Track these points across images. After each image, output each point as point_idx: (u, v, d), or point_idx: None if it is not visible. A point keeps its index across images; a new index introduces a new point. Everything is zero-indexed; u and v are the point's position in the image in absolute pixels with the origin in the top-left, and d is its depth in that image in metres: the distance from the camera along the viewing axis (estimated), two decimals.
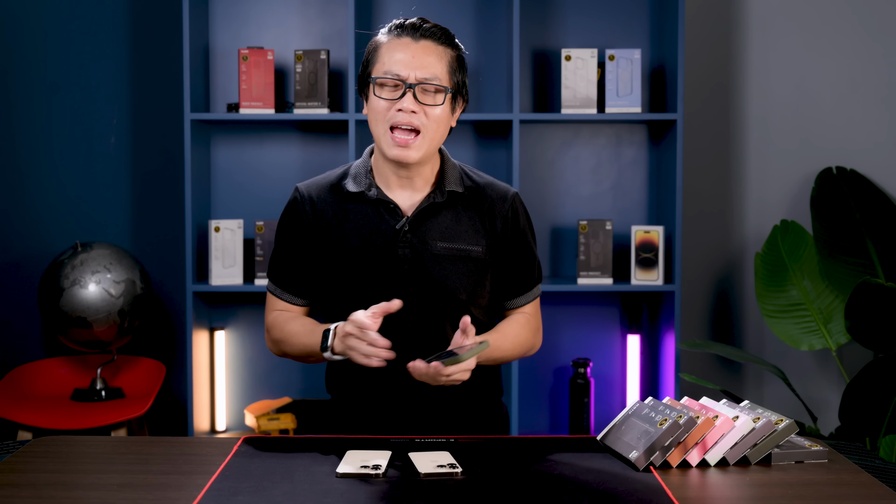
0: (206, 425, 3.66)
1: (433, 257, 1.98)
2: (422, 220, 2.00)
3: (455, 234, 2.01)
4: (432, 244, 1.99)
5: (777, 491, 1.63)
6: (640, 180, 3.72)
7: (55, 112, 3.77)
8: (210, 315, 3.72)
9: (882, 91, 3.73)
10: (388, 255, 1.98)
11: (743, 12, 3.72)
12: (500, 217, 2.04)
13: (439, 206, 2.01)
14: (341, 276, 2.01)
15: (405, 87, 1.94)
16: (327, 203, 2.04)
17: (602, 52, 3.60)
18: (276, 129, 3.71)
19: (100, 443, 1.94)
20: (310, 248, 2.04)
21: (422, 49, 1.96)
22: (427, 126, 1.95)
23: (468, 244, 2.01)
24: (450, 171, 2.04)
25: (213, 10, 3.68)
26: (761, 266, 3.60)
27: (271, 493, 1.57)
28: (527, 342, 2.09)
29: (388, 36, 2.00)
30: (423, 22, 1.98)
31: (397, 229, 1.99)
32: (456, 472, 1.66)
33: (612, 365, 3.74)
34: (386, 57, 1.97)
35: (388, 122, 1.95)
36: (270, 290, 2.09)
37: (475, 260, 2.01)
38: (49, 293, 3.42)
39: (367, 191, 2.01)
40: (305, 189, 2.08)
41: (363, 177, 2.03)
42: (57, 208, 3.79)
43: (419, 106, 1.94)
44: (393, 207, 2.00)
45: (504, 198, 2.06)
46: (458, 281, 1.99)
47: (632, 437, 1.76)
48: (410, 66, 1.94)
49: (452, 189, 2.02)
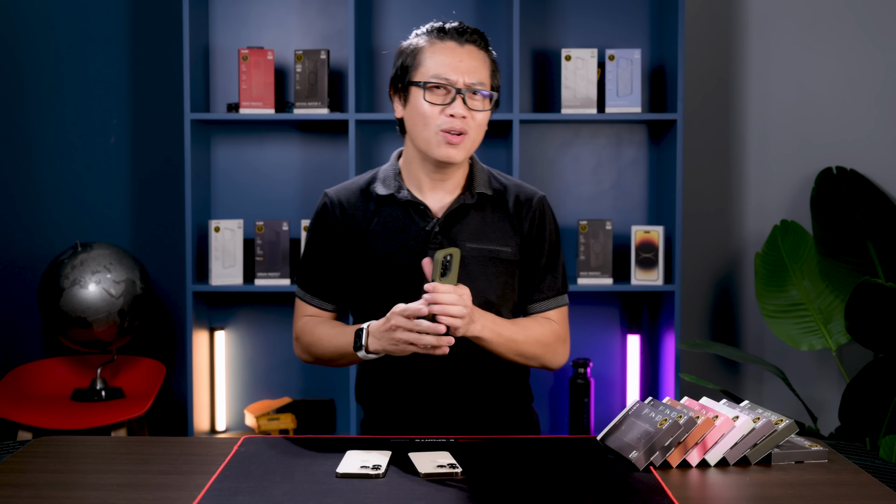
0: (206, 425, 3.66)
1: (463, 258, 1.99)
2: (452, 221, 2.02)
3: (485, 235, 2.02)
4: (462, 245, 2.00)
5: (777, 491, 1.63)
6: (640, 180, 3.72)
7: (55, 112, 3.77)
8: (210, 315, 3.72)
9: (882, 91, 3.73)
10: (419, 256, 1.98)
11: (743, 12, 3.73)
12: (527, 219, 2.06)
13: (469, 208, 2.03)
14: (372, 278, 2.01)
15: (455, 92, 1.95)
16: (356, 207, 2.05)
17: (602, 52, 3.60)
18: (276, 129, 3.71)
19: (100, 443, 1.94)
20: (340, 253, 2.05)
21: (468, 54, 1.98)
22: (472, 129, 1.97)
23: (498, 245, 2.03)
24: (478, 173, 2.06)
25: (213, 10, 3.68)
26: (761, 266, 3.60)
27: (271, 493, 1.57)
28: (544, 340, 2.04)
29: (428, 39, 2.00)
30: (464, 26, 2.00)
31: (428, 230, 2.00)
32: (456, 472, 1.66)
33: (612, 365, 3.74)
34: (430, 61, 1.97)
35: (439, 126, 1.95)
36: (300, 296, 2.10)
37: (505, 261, 2.03)
38: (49, 293, 3.42)
39: (397, 193, 2.02)
40: (335, 194, 2.08)
41: (392, 180, 2.04)
42: (57, 208, 3.79)
43: (468, 111, 1.96)
44: (423, 209, 2.01)
45: (531, 199, 2.07)
46: (487, 281, 2.00)
47: (632, 437, 1.76)
48: (458, 71, 1.96)
49: (482, 191, 2.04)
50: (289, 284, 3.55)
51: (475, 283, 1.98)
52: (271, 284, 3.54)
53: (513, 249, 2.04)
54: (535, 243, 2.07)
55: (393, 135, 3.69)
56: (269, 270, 3.54)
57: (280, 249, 3.54)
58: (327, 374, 3.75)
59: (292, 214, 3.70)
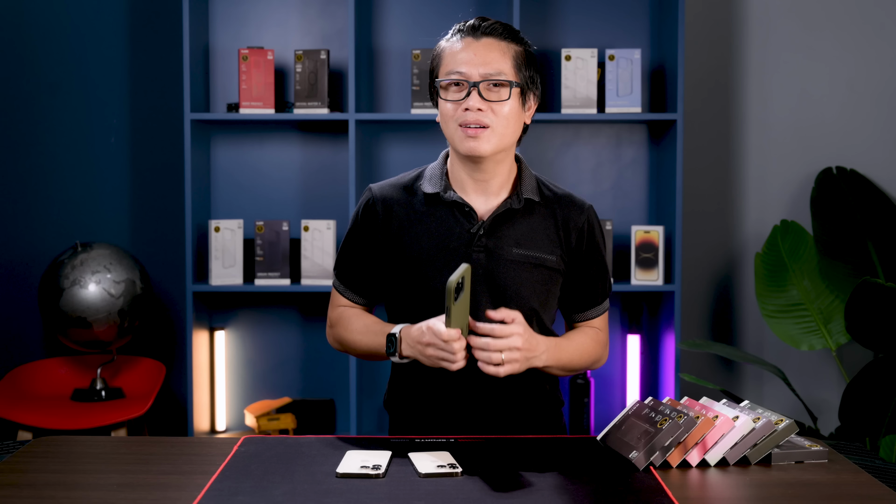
0: (206, 425, 3.66)
1: (507, 263, 1.97)
2: (498, 225, 1.99)
3: (530, 241, 1.99)
4: (507, 250, 1.97)
5: (777, 491, 1.63)
6: (640, 180, 3.72)
7: (55, 112, 3.77)
8: (210, 315, 3.72)
9: (882, 91, 3.73)
10: (460, 259, 1.96)
11: (743, 12, 3.72)
12: (575, 229, 2.02)
13: (515, 213, 2.00)
14: (410, 277, 1.99)
15: (469, 85, 1.92)
16: (400, 204, 2.02)
17: (602, 52, 3.60)
18: (276, 129, 3.71)
19: (100, 443, 1.94)
20: (378, 249, 2.03)
21: (483, 46, 1.94)
22: (496, 122, 1.92)
23: (543, 252, 1.99)
24: (527, 179, 2.03)
25: (213, 10, 3.68)
26: (761, 266, 3.60)
27: (271, 493, 1.57)
28: (594, 353, 2.05)
29: (448, 39, 1.99)
30: (482, 21, 1.97)
31: (472, 233, 1.97)
32: (456, 472, 1.66)
33: (612, 365, 3.74)
34: (449, 59, 1.95)
35: (457, 121, 1.93)
36: (335, 285, 2.10)
37: (549, 269, 2.00)
38: (49, 293, 3.42)
39: (444, 192, 2.00)
40: (378, 189, 2.06)
41: (438, 179, 2.02)
42: (57, 208, 3.79)
43: (485, 104, 1.92)
44: (468, 211, 1.98)
45: (581, 210, 2.04)
46: (530, 288, 1.98)
47: (632, 437, 1.76)
48: (472, 64, 1.92)
49: (529, 197, 2.00)
50: (288, 284, 3.55)
51: (520, 289, 1.97)
52: (271, 284, 3.54)
53: (556, 258, 2.00)
54: (584, 255, 2.04)
55: (393, 135, 3.70)
56: (269, 270, 3.54)
57: (280, 249, 3.54)
58: (327, 374, 3.75)
59: (292, 214, 3.70)
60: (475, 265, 1.96)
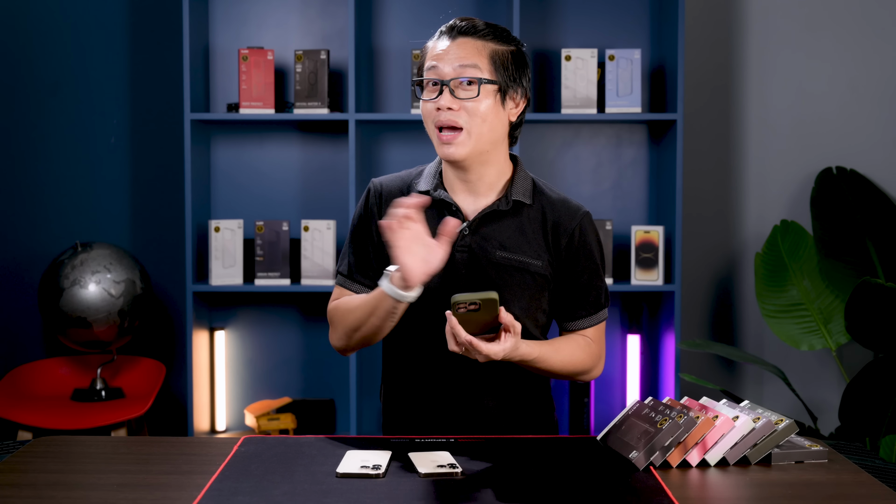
0: (206, 425, 3.66)
1: (491, 265, 1.95)
2: (483, 225, 1.97)
3: (517, 244, 1.96)
4: (492, 252, 1.95)
5: (777, 491, 1.63)
6: (640, 180, 3.72)
7: (55, 112, 3.77)
8: (210, 315, 3.72)
9: (882, 91, 3.73)
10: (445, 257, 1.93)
11: (743, 12, 3.73)
12: (564, 234, 1.98)
13: (503, 215, 1.97)
14: None
15: (441, 84, 1.90)
16: (395, 198, 2.00)
17: (602, 52, 3.60)
18: (276, 129, 3.71)
19: (100, 443, 1.94)
20: (374, 241, 2.01)
21: (457, 45, 1.93)
22: (469, 122, 1.90)
23: (529, 257, 1.96)
24: (520, 181, 1.99)
25: (213, 10, 3.68)
26: (761, 266, 3.60)
27: (271, 493, 1.57)
28: (580, 363, 1.99)
29: (432, 41, 1.98)
30: (461, 20, 1.96)
31: (457, 232, 1.94)
32: (456, 472, 1.65)
33: (612, 365, 3.74)
34: (427, 59, 1.95)
35: (434, 122, 1.92)
36: (339, 282, 2.05)
37: (534, 274, 1.96)
38: (49, 293, 3.42)
39: (434, 191, 1.99)
40: (379, 182, 2.06)
41: (432, 177, 2.01)
42: (57, 208, 3.79)
43: (458, 102, 1.90)
44: (455, 210, 1.97)
45: (573, 215, 1.99)
46: (512, 293, 1.94)
47: (632, 437, 1.76)
48: (445, 62, 1.91)
49: (519, 199, 1.97)
50: (288, 284, 3.55)
51: (501, 292, 1.93)
52: (271, 284, 3.54)
53: (543, 264, 1.96)
54: (573, 261, 1.99)
55: (393, 135, 3.70)
56: (269, 270, 3.54)
57: (280, 249, 3.54)
58: (327, 374, 3.75)
59: (292, 214, 3.70)
60: (458, 265, 1.94)
